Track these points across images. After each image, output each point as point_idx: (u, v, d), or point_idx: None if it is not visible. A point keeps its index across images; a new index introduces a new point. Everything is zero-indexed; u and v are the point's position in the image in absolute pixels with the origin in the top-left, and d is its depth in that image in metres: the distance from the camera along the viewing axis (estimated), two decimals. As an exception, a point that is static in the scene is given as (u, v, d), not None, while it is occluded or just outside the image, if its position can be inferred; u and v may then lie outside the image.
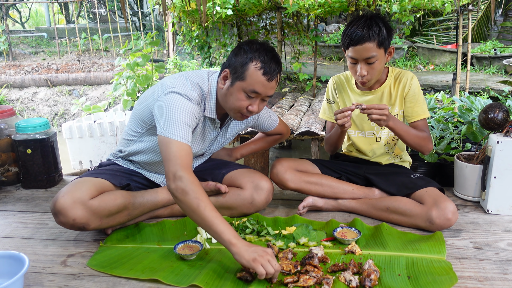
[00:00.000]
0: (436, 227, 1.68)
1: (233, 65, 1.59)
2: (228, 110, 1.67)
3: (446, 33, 7.86)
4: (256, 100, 1.61)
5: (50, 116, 6.18)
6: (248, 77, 1.55)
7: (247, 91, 1.57)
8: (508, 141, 1.82)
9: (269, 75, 1.56)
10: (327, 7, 4.43)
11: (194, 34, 5.51)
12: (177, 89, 1.61)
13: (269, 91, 1.60)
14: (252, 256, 1.33)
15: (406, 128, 1.78)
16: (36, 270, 1.52)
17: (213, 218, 1.40)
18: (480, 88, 5.50)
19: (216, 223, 1.39)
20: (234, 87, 1.59)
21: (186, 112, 1.58)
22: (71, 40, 9.04)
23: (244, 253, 1.34)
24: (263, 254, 1.34)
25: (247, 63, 1.55)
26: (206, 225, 1.41)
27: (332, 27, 9.52)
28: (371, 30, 1.67)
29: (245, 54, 1.56)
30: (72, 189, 1.59)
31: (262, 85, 1.56)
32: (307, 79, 5.57)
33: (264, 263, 1.31)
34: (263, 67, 1.54)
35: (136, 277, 1.43)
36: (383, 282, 1.37)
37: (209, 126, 1.78)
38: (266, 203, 1.87)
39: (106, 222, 1.65)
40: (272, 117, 2.03)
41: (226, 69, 1.61)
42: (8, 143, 2.35)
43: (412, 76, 1.86)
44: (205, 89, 1.68)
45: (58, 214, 1.56)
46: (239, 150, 2.14)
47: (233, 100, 1.60)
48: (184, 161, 1.49)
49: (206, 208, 1.41)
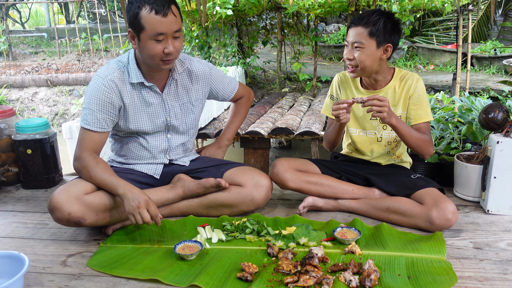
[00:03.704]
0: (436, 227, 1.68)
1: (130, 22, 1.63)
2: (151, 64, 1.69)
3: (446, 33, 7.86)
4: (167, 41, 1.62)
5: (50, 116, 6.18)
6: (145, 24, 1.58)
7: (153, 37, 1.59)
8: (508, 141, 1.82)
9: (162, 11, 1.57)
10: (327, 7, 4.43)
11: (194, 34, 5.51)
12: (96, 73, 1.75)
13: (172, 26, 1.60)
14: (128, 209, 1.55)
15: (408, 129, 1.77)
16: (36, 270, 1.52)
17: (103, 179, 1.63)
18: (480, 88, 5.50)
19: (107, 182, 1.63)
20: (141, 40, 1.62)
21: (92, 98, 1.69)
22: (71, 40, 9.05)
23: (125, 204, 1.57)
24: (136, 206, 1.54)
25: (138, 12, 1.58)
26: (104, 186, 1.65)
27: (332, 27, 9.52)
28: (369, 18, 1.71)
29: (133, 5, 1.59)
30: (67, 187, 1.64)
31: (161, 23, 1.58)
32: (307, 79, 5.57)
33: (135, 215, 1.54)
34: (152, 8, 1.56)
35: (136, 277, 1.43)
36: (383, 282, 1.37)
37: (146, 93, 1.79)
38: (266, 200, 1.88)
39: (102, 217, 1.66)
40: (230, 79, 2.05)
41: (129, 29, 1.65)
42: (8, 143, 2.35)
43: (418, 78, 1.86)
44: (124, 60, 1.76)
45: (53, 210, 1.59)
46: (224, 136, 2.15)
47: (147, 52, 1.63)
48: (85, 145, 1.70)
49: (96, 175, 1.64)
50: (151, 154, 1.89)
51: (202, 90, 1.94)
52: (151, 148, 1.87)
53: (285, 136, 3.23)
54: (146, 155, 1.89)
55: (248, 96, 2.16)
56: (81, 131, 1.72)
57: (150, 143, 1.86)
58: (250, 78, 6.37)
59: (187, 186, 1.86)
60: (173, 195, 1.85)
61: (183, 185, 1.86)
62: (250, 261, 1.49)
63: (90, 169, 1.65)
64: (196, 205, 1.88)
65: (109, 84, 1.69)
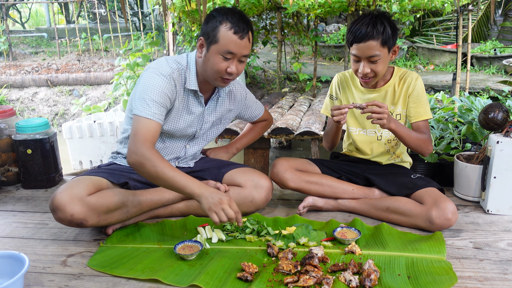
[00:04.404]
0: (436, 227, 1.68)
1: (205, 32, 1.65)
2: (209, 77, 1.71)
3: (446, 33, 7.86)
4: (233, 61, 1.66)
5: (50, 116, 6.18)
6: (220, 38, 1.61)
7: (223, 53, 1.63)
8: (508, 141, 1.82)
9: (240, 33, 1.61)
10: (327, 7, 4.43)
11: (194, 34, 5.51)
12: (151, 68, 1.69)
13: (243, 50, 1.65)
14: (208, 205, 1.47)
15: (407, 131, 1.78)
16: (36, 270, 1.52)
17: (173, 177, 1.52)
18: (480, 88, 5.50)
19: (177, 180, 1.52)
20: (210, 52, 1.64)
21: (155, 89, 1.64)
22: (71, 40, 9.04)
23: (203, 201, 1.49)
24: (218, 202, 1.47)
25: (218, 26, 1.61)
26: (170, 186, 1.55)
27: (332, 27, 9.52)
28: (375, 28, 1.67)
29: (215, 18, 1.63)
30: (70, 186, 1.61)
31: (235, 44, 1.62)
32: (307, 79, 5.57)
33: (217, 211, 1.46)
34: (233, 27, 1.60)
35: (136, 277, 1.43)
36: (383, 282, 1.37)
37: (192, 100, 1.81)
38: (266, 201, 1.88)
39: (104, 219, 1.66)
40: (258, 104, 2.12)
41: (201, 37, 1.68)
42: (8, 143, 2.35)
43: (417, 76, 1.87)
44: (183, 63, 1.76)
45: (56, 210, 1.57)
46: (233, 144, 2.18)
47: (211, 65, 1.65)
48: (145, 136, 1.59)
49: (164, 171, 1.53)
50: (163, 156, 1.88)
51: (235, 111, 2.01)
52: (166, 150, 1.88)
53: (285, 136, 3.23)
54: None
55: (269, 122, 2.24)
56: (139, 122, 1.61)
57: (167, 146, 1.87)
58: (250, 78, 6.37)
59: None
60: (174, 196, 1.85)
61: None
62: (250, 261, 1.49)
63: (156, 163, 1.53)
64: (196, 206, 1.87)
65: (170, 82, 1.70)
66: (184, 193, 1.55)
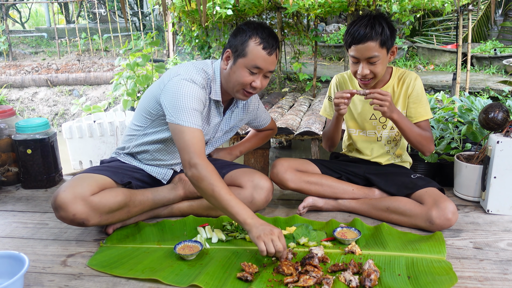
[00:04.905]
0: (436, 227, 1.68)
1: (233, 44, 1.66)
2: (231, 89, 1.72)
3: (446, 33, 7.86)
4: (259, 76, 1.67)
5: (50, 116, 6.18)
6: (249, 53, 1.62)
7: (250, 67, 1.63)
8: (508, 141, 1.82)
9: (269, 49, 1.63)
10: (327, 7, 4.43)
11: (194, 34, 5.51)
12: (182, 74, 1.68)
13: (270, 66, 1.66)
14: (257, 233, 1.42)
15: (410, 125, 1.78)
16: (36, 270, 1.52)
17: (228, 201, 1.50)
18: (480, 88, 5.50)
19: (231, 206, 1.50)
20: (236, 65, 1.65)
21: (193, 97, 1.64)
22: (71, 40, 9.05)
23: (253, 230, 1.44)
24: (268, 233, 1.42)
25: (247, 40, 1.62)
26: (222, 208, 1.53)
27: (332, 27, 9.52)
28: (373, 29, 1.67)
29: (244, 32, 1.64)
30: (73, 184, 1.60)
31: (263, 59, 1.63)
32: (307, 79, 5.57)
33: (266, 241, 1.40)
34: (262, 42, 1.61)
35: (136, 277, 1.43)
36: (383, 282, 1.37)
37: (213, 110, 1.83)
38: (266, 202, 1.88)
39: (105, 218, 1.66)
40: (267, 113, 2.15)
41: (228, 49, 1.68)
42: (8, 143, 2.35)
43: (416, 76, 1.87)
44: (209, 72, 1.75)
45: (58, 208, 1.57)
46: (237, 147, 2.19)
47: (236, 78, 1.66)
48: (197, 148, 1.58)
49: (220, 192, 1.51)
50: (168, 158, 1.88)
51: (246, 120, 2.04)
52: (173, 154, 1.87)
53: (285, 136, 3.23)
54: (163, 157, 1.88)
55: (274, 131, 2.27)
56: (185, 133, 1.59)
57: (175, 150, 1.85)
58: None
59: (188, 188, 1.86)
60: (174, 196, 1.85)
61: (184, 187, 1.86)
62: (250, 261, 1.49)
63: (214, 182, 1.52)
64: (197, 206, 1.88)
65: (202, 90, 1.70)
66: (235, 219, 1.51)
